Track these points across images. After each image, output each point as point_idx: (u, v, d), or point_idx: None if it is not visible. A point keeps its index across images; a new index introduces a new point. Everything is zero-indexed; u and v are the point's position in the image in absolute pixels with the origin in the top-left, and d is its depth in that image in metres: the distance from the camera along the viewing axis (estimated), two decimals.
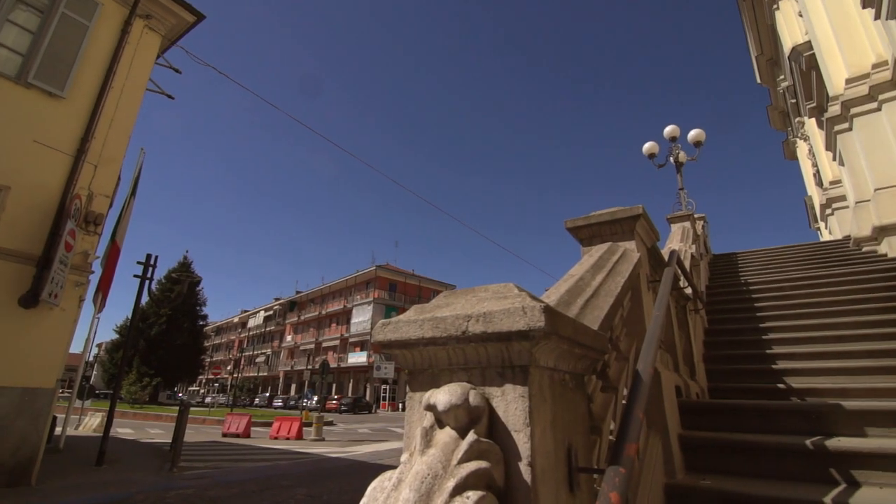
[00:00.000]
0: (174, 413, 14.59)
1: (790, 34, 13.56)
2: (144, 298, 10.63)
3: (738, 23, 18.94)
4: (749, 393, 3.75)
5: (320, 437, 15.29)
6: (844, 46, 8.83)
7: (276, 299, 64.83)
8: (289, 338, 59.30)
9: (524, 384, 1.11)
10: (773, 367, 4.09)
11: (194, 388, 66.05)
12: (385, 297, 47.53)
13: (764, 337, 4.76)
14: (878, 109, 7.96)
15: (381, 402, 40.57)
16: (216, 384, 59.40)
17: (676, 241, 5.96)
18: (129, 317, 10.71)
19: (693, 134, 10.63)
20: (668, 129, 10.62)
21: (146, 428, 18.88)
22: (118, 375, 10.38)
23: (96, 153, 7.73)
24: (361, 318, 46.83)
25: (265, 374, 60.06)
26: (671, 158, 10.77)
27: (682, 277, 3.84)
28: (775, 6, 14.84)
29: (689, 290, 4.16)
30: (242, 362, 58.13)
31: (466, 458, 1.03)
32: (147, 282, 10.35)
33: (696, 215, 8.67)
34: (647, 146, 10.88)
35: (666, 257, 3.25)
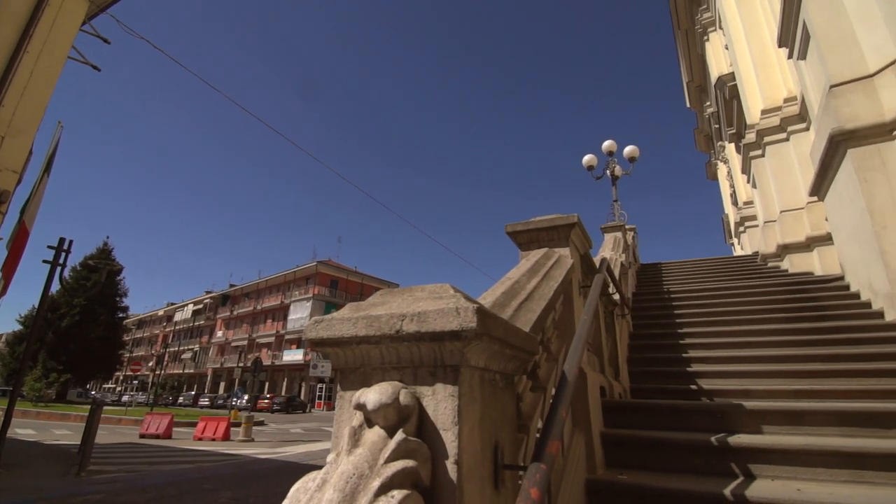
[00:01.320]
0: (84, 412, 13.35)
1: (717, 65, 14.78)
2: (55, 286, 9.64)
3: (675, 50, 20.35)
4: (667, 393, 4.03)
5: (249, 438, 14.63)
6: (762, 80, 9.76)
7: (208, 292, 61.24)
8: (219, 333, 56.22)
9: (455, 384, 1.13)
10: (689, 369, 4.43)
11: (110, 386, 60.86)
12: (325, 293, 46.33)
13: (682, 342, 5.15)
14: (787, 140, 8.87)
15: (317, 401, 39.46)
16: (135, 381, 55.04)
17: (608, 249, 6.30)
18: (36, 306, 9.68)
19: (628, 150, 11.30)
20: (606, 144, 11.22)
21: (51, 429, 17.14)
22: (20, 370, 9.33)
23: (4, 122, 6.91)
24: (299, 314, 45.34)
25: (192, 371, 56.54)
26: (608, 172, 11.39)
27: (611, 284, 4.06)
28: (706, 37, 16.10)
29: (617, 296, 4.41)
30: (167, 358, 54.23)
31: (394, 457, 1.03)
32: (59, 268, 9.40)
33: (627, 226, 9.21)
34: (587, 158, 11.43)
35: (597, 265, 3.42)
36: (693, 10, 17.15)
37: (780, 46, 7.19)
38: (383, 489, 0.98)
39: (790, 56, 6.94)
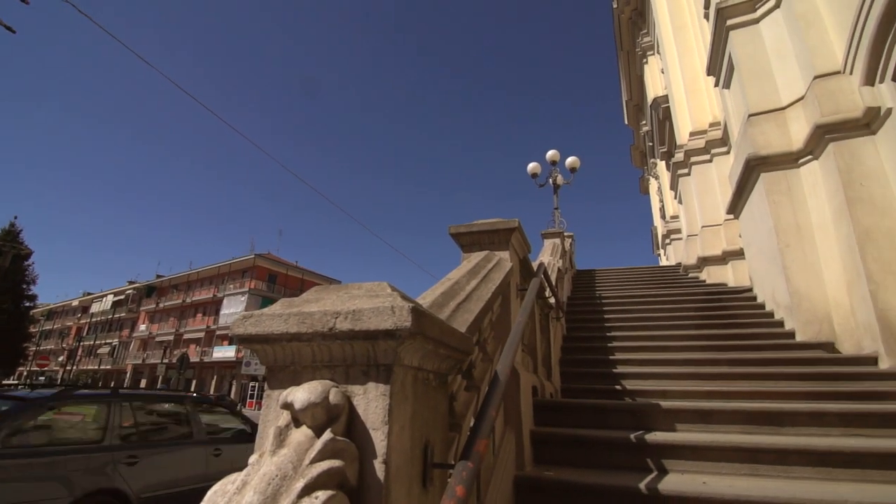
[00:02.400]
0: None
1: (653, 86, 15.79)
2: None
3: (617, 69, 21.48)
4: (594, 393, 4.24)
5: None
6: (691, 104, 10.55)
7: (131, 283, 56.63)
8: (142, 327, 52.19)
9: (387, 383, 1.13)
10: (615, 370, 4.70)
11: (11, 382, 54.77)
12: (263, 288, 44.37)
13: (611, 344, 5.45)
14: (710, 161, 9.65)
15: (249, 400, 37.69)
16: (42, 378, 49.87)
17: (547, 255, 6.54)
18: None
19: (570, 161, 11.81)
20: (550, 154, 11.67)
21: None
22: None
23: None
24: (233, 309, 43.07)
25: (108, 367, 52.05)
26: (550, 180, 11.83)
27: (547, 288, 4.21)
28: (645, 60, 17.16)
29: (553, 300, 4.59)
30: (80, 352, 49.54)
31: (320, 457, 1.01)
32: None
33: (566, 233, 9.63)
34: (531, 166, 11.82)
35: (535, 269, 3.54)
36: (635, 34, 18.22)
37: (708, 74, 7.80)
38: (307, 490, 0.96)
39: (717, 84, 7.55)
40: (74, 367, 44.39)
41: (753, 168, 5.60)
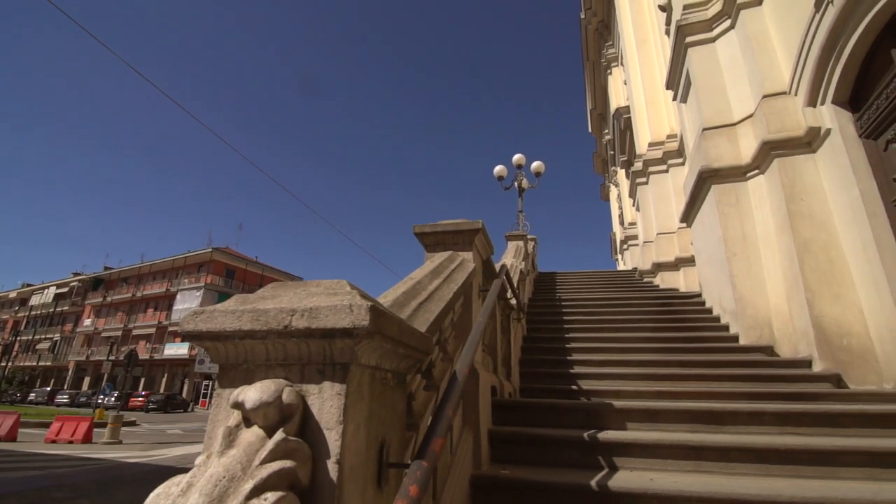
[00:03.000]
0: None
1: (616, 97, 16.32)
2: None
3: (583, 78, 22.06)
4: (552, 393, 4.33)
5: (116, 440, 13.00)
6: (651, 116, 10.97)
7: (76, 274, 53.32)
8: (88, 321, 49.24)
9: (343, 382, 1.11)
10: (572, 371, 4.82)
11: None
12: (220, 283, 42.77)
13: (569, 345, 5.59)
14: (667, 171, 10.07)
15: (202, 399, 36.23)
16: None
17: (510, 257, 6.63)
18: None
19: (535, 165, 12.06)
20: (516, 158, 11.86)
21: None
22: None
23: None
24: (187, 304, 41.28)
25: (49, 363, 48.79)
26: (516, 183, 12.02)
27: (509, 289, 4.27)
28: (609, 71, 17.71)
29: (514, 301, 4.66)
30: (17, 348, 46.09)
31: (270, 457, 0.99)
32: None
33: (529, 236, 9.81)
34: (498, 169, 11.98)
35: (498, 270, 3.59)
36: (601, 45, 18.78)
37: (667, 88, 8.14)
38: (256, 491, 0.94)
39: (675, 98, 7.89)
40: (10, 364, 41.28)
41: (706, 180, 5.88)
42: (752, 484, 2.32)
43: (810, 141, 4.91)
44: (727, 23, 6.16)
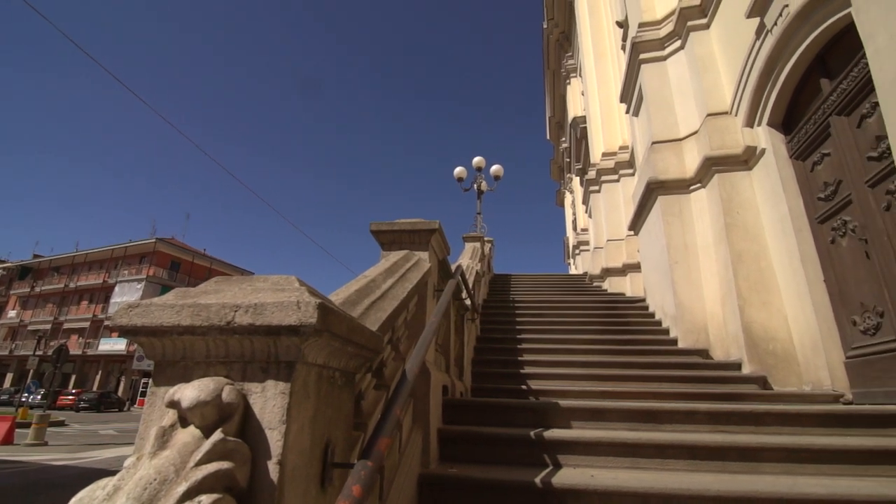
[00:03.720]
0: None
1: (574, 106, 16.84)
2: None
3: (543, 86, 22.59)
4: (503, 392, 4.41)
5: (41, 441, 12.05)
6: (605, 127, 11.40)
7: (0, 262, 48.88)
8: (12, 313, 45.27)
9: (288, 381, 1.09)
10: (522, 371, 4.93)
11: None
12: (164, 275, 40.48)
13: (520, 346, 5.71)
14: (618, 181, 10.50)
15: (139, 398, 34.15)
16: None
17: (467, 257, 6.70)
18: None
19: (495, 168, 12.26)
20: (476, 160, 12.03)
21: None
22: None
23: None
24: (127, 297, 38.72)
25: None
26: (475, 185, 12.16)
27: (464, 290, 4.32)
28: (568, 81, 18.25)
29: (469, 302, 4.71)
30: None
31: (207, 459, 0.95)
32: None
33: (486, 238, 9.94)
34: (458, 170, 12.08)
35: (453, 270, 3.61)
36: (561, 55, 19.31)
37: (621, 101, 8.49)
38: (189, 494, 0.90)
39: (628, 111, 8.24)
40: None
41: (653, 190, 6.18)
42: (684, 479, 2.46)
43: (747, 159, 5.27)
44: (678, 43, 6.50)
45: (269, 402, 1.07)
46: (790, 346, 4.59)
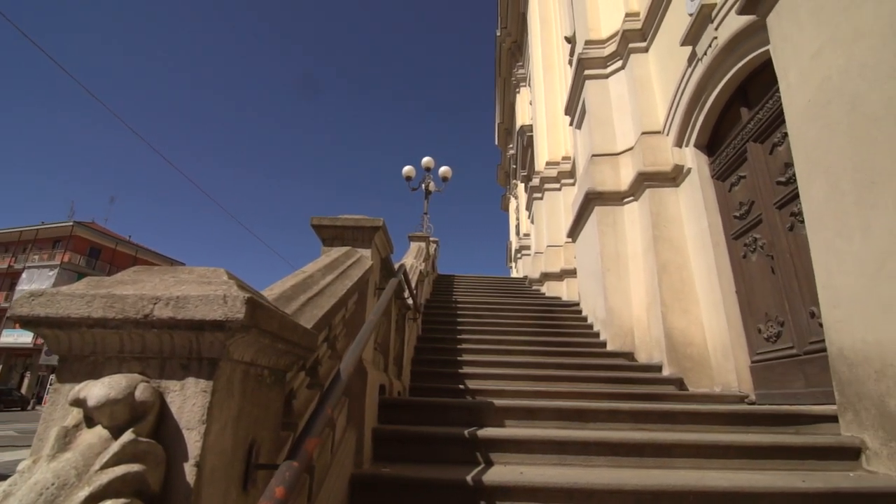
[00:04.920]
0: None
1: (522, 115, 17.32)
2: None
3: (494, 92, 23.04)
4: (441, 392, 4.44)
5: None
6: (550, 137, 11.83)
7: None
8: None
9: (210, 378, 1.04)
10: (461, 370, 5.00)
11: None
12: (81, 263, 36.94)
13: (460, 346, 5.79)
14: (560, 189, 10.93)
15: (46, 396, 30.92)
16: None
17: (411, 257, 6.69)
18: None
19: (443, 170, 12.34)
20: (425, 160, 12.04)
21: None
22: None
23: None
24: (36, 284, 34.99)
25: None
26: (423, 186, 12.18)
27: (406, 289, 4.31)
28: (518, 90, 18.74)
29: (411, 301, 4.70)
30: None
31: (115, 461, 0.89)
32: None
33: (432, 238, 9.98)
34: (406, 169, 12.04)
35: (396, 269, 3.60)
36: (512, 64, 19.80)
37: (566, 114, 8.85)
38: (93, 499, 0.83)
39: (571, 123, 8.60)
40: None
41: (590, 201, 6.50)
42: (605, 474, 2.61)
43: (675, 177, 5.67)
44: (619, 63, 6.87)
45: (188, 400, 1.01)
46: (705, 351, 4.99)
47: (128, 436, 0.92)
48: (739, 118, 4.80)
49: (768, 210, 4.31)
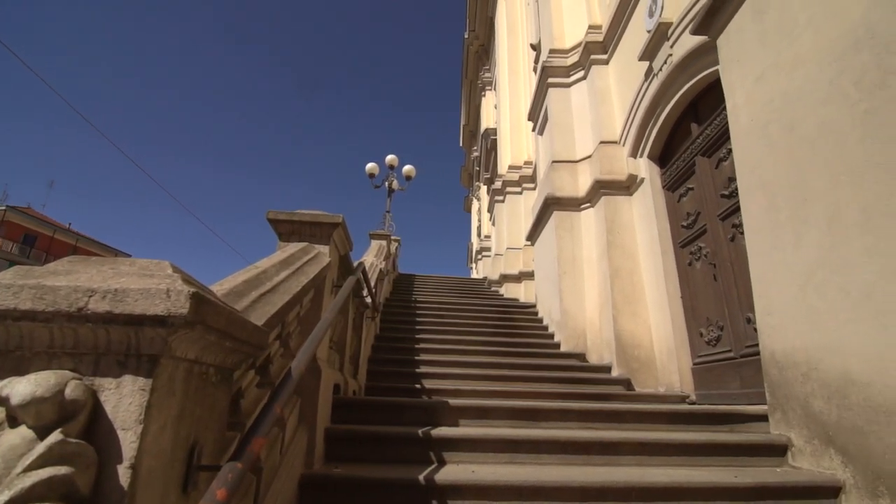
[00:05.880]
0: None
1: (487, 118, 17.51)
2: None
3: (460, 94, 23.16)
4: (397, 391, 4.41)
5: None
6: (513, 141, 12.03)
7: None
8: None
9: (149, 376, 0.99)
10: (418, 370, 4.99)
11: None
12: (14, 250, 34.10)
13: (418, 345, 5.78)
14: (521, 193, 11.14)
15: None
16: None
17: (372, 255, 6.63)
18: None
19: (407, 169, 12.29)
20: (389, 158, 11.96)
21: None
22: None
23: None
24: None
25: None
26: (386, 183, 12.09)
27: (365, 287, 4.26)
28: (483, 93, 18.93)
29: (369, 300, 4.66)
30: None
31: (40, 463, 0.83)
32: None
33: (393, 237, 9.93)
34: (370, 166, 11.91)
35: (355, 267, 3.55)
36: (479, 67, 19.98)
37: (529, 119, 9.02)
38: None
39: (534, 129, 8.78)
40: None
41: (549, 206, 6.66)
42: (554, 472, 2.68)
43: (629, 186, 5.90)
44: (581, 73, 7.07)
45: (124, 399, 0.96)
46: (651, 353, 5.22)
47: (55, 436, 0.86)
48: (690, 133, 5.06)
49: (712, 221, 4.56)
